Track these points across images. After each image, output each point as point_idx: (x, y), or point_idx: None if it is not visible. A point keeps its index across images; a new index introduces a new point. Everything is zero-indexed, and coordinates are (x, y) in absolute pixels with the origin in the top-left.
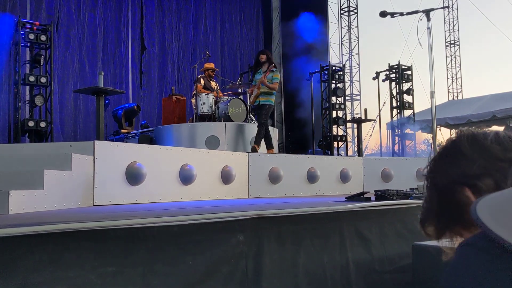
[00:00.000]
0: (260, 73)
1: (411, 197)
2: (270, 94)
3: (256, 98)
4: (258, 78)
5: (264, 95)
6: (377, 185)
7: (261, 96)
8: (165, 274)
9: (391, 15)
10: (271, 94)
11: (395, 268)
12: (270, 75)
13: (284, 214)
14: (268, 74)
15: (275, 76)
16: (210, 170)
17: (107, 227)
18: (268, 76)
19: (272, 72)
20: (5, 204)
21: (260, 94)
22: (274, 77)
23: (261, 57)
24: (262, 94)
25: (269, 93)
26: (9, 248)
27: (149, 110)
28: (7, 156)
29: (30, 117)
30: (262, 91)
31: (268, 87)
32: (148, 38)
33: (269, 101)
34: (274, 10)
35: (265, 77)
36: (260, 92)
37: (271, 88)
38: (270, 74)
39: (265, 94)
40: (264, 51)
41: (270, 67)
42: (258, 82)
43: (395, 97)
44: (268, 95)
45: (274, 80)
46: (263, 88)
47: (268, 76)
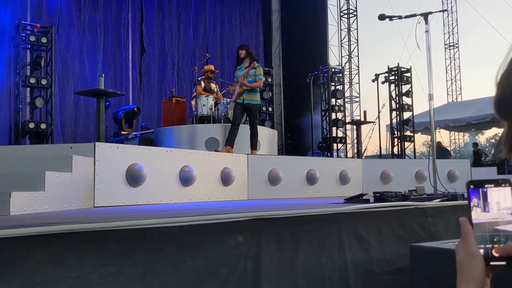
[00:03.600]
0: (241, 69)
1: (409, 198)
2: (254, 92)
3: (239, 96)
4: (239, 74)
5: (248, 93)
6: (376, 187)
7: (245, 95)
8: (165, 274)
9: (390, 18)
10: (255, 92)
11: (393, 269)
12: (252, 71)
13: (283, 215)
14: (250, 71)
15: (258, 72)
16: (210, 171)
17: (108, 228)
18: (251, 72)
19: (254, 69)
20: (7, 205)
21: (244, 92)
22: (257, 74)
23: (240, 52)
24: (246, 92)
25: (253, 91)
26: (11, 249)
27: (149, 112)
28: (8, 157)
29: (31, 119)
30: (245, 89)
31: (250, 87)
32: (148, 41)
33: (254, 100)
34: (274, 13)
35: (246, 74)
36: (243, 90)
37: (254, 87)
38: (253, 70)
39: (249, 92)
40: (243, 46)
41: (252, 64)
42: (240, 80)
43: (394, 99)
44: (253, 93)
45: (258, 76)
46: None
47: (251, 73)
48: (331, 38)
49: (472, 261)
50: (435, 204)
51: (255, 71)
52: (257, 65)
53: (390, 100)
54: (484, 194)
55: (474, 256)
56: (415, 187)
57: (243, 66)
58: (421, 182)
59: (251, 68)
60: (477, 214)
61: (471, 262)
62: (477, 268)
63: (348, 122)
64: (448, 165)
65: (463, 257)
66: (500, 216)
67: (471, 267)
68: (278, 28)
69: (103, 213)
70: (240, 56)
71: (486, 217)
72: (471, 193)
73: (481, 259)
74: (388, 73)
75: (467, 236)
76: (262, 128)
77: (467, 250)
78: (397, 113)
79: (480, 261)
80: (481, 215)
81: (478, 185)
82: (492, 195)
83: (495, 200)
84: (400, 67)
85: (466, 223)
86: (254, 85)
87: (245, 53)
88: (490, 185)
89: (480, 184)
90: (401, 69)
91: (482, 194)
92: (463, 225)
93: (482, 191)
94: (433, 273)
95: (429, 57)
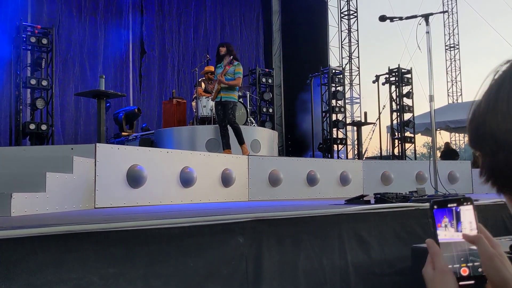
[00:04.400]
0: (221, 67)
1: (410, 200)
2: (232, 90)
3: (217, 94)
4: (219, 72)
5: (226, 90)
6: (377, 188)
7: (222, 92)
8: (166, 275)
9: (391, 19)
10: (233, 90)
11: (394, 270)
12: (231, 69)
13: (284, 216)
14: (229, 68)
15: (237, 70)
16: (210, 172)
17: (109, 229)
18: (230, 70)
19: (233, 66)
20: (8, 206)
21: (222, 90)
22: (236, 72)
23: (220, 50)
24: (224, 90)
25: (231, 89)
26: (12, 250)
27: (150, 113)
28: (9, 158)
29: (31, 120)
30: (223, 87)
31: (228, 84)
32: (148, 42)
33: (231, 98)
34: (274, 14)
35: (224, 72)
36: (220, 87)
37: (232, 85)
38: (232, 68)
39: (227, 90)
40: (223, 43)
41: (232, 61)
42: (218, 77)
43: (394, 100)
44: (230, 91)
45: (237, 74)
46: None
47: (230, 70)
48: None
49: (444, 280)
50: None
51: (234, 69)
52: (236, 63)
53: (390, 101)
54: (457, 213)
55: (446, 274)
56: (415, 189)
57: (223, 64)
58: (421, 184)
59: (230, 66)
60: (449, 234)
61: (443, 281)
62: (451, 284)
63: (348, 123)
64: (448, 166)
65: (435, 276)
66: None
67: (445, 285)
68: (279, 29)
69: (104, 214)
70: (220, 54)
71: (459, 237)
72: (438, 213)
73: (453, 277)
74: (389, 74)
75: (436, 256)
76: (263, 129)
77: (438, 270)
78: (398, 114)
79: (452, 279)
80: (454, 235)
81: (442, 204)
82: (465, 214)
83: (468, 219)
84: (401, 68)
85: (433, 244)
86: (232, 83)
87: (225, 50)
88: (453, 204)
89: (443, 204)
90: (401, 70)
91: (455, 213)
92: (431, 246)
93: (455, 210)
94: None
95: (430, 58)
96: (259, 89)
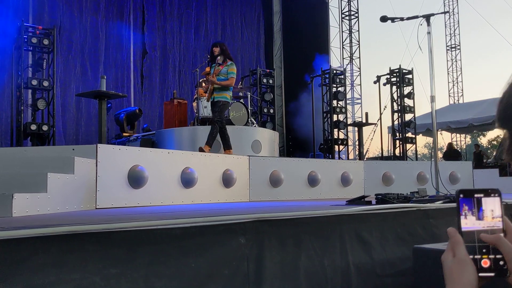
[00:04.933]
0: (215, 68)
1: (411, 200)
2: (225, 90)
3: (211, 94)
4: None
5: (218, 91)
6: (378, 189)
7: (215, 92)
8: (167, 276)
9: (392, 20)
10: (226, 90)
11: (396, 271)
12: (225, 69)
13: (285, 217)
14: (222, 69)
15: (231, 70)
16: (211, 173)
17: (111, 229)
18: (223, 70)
19: (227, 66)
20: (9, 207)
21: (214, 90)
22: (229, 72)
23: (214, 50)
24: (216, 90)
25: (223, 89)
26: (13, 251)
27: (151, 114)
28: (10, 159)
29: (33, 120)
30: (216, 87)
31: (221, 84)
32: (149, 42)
33: (223, 97)
34: (275, 14)
35: (217, 72)
36: (213, 87)
37: (224, 85)
38: (225, 68)
39: (220, 90)
40: (217, 43)
41: (225, 61)
42: (210, 77)
43: (396, 101)
44: (223, 91)
45: (230, 75)
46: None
47: (223, 70)
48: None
49: (463, 269)
50: (438, 206)
51: (227, 69)
52: (230, 63)
53: (391, 101)
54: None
55: (466, 264)
56: (417, 189)
57: (216, 64)
58: (422, 184)
59: (223, 66)
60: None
61: (462, 270)
62: (469, 276)
63: (349, 123)
64: (450, 167)
65: (453, 265)
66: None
67: (463, 276)
68: (280, 30)
69: (105, 214)
70: (214, 54)
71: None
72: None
73: (473, 267)
74: (390, 74)
75: (457, 245)
76: (264, 129)
77: (458, 259)
78: (399, 115)
79: (472, 269)
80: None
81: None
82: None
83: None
84: (402, 69)
85: (455, 233)
86: (224, 83)
87: (219, 50)
88: (480, 195)
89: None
90: (402, 70)
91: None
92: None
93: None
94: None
95: (431, 58)
96: (260, 90)
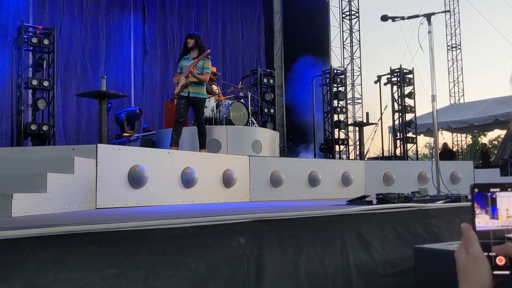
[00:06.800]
0: (188, 60)
1: (412, 200)
2: (201, 85)
3: (183, 88)
4: (185, 64)
5: (195, 85)
6: (379, 189)
7: (191, 87)
8: (167, 276)
9: (392, 19)
10: (202, 85)
11: (396, 271)
12: (201, 63)
13: (285, 217)
14: (198, 63)
15: (207, 65)
16: (211, 173)
17: (110, 229)
18: (199, 64)
19: (203, 61)
20: (8, 207)
21: (190, 85)
22: (205, 66)
23: (188, 41)
24: (192, 84)
25: (199, 84)
26: (12, 250)
27: (151, 114)
28: (10, 159)
29: (33, 120)
30: (191, 81)
31: (198, 78)
32: (150, 42)
33: (201, 94)
34: (276, 14)
35: (194, 65)
36: (189, 82)
37: (201, 80)
38: (201, 62)
39: (196, 85)
40: (192, 35)
41: (201, 55)
42: (186, 71)
43: (396, 101)
44: (199, 86)
45: (205, 70)
46: (192, 78)
47: (199, 65)
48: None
49: (477, 266)
50: (438, 206)
51: (203, 64)
52: (206, 58)
53: (392, 101)
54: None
55: (480, 261)
56: (417, 189)
57: (190, 56)
58: (423, 184)
59: (200, 60)
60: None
61: (476, 267)
62: (483, 273)
63: (350, 123)
64: (451, 166)
65: (467, 262)
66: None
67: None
68: (280, 30)
69: (105, 214)
70: (188, 45)
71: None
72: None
73: (488, 264)
74: (391, 74)
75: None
76: (264, 129)
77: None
78: (400, 115)
79: (486, 266)
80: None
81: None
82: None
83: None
84: (403, 69)
85: (469, 229)
86: (202, 78)
87: (194, 42)
88: (496, 189)
89: (485, 188)
90: (403, 70)
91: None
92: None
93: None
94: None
95: (432, 58)
96: (260, 90)
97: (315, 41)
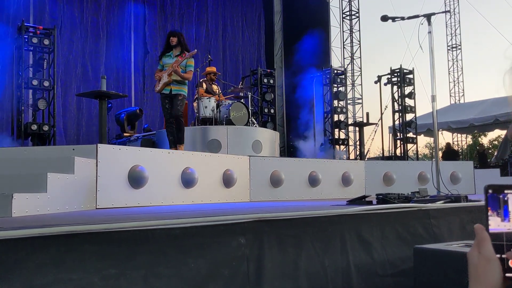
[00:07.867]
0: (171, 57)
1: (412, 200)
2: (183, 83)
3: (165, 86)
4: (167, 62)
5: (177, 83)
6: (379, 189)
7: (173, 85)
8: (167, 276)
9: (392, 19)
10: (184, 84)
11: (396, 271)
12: (184, 61)
13: (285, 217)
14: (182, 61)
15: (190, 63)
16: (211, 173)
17: (110, 229)
18: (182, 63)
19: (186, 59)
20: (9, 207)
21: (172, 83)
22: (188, 65)
23: (171, 40)
24: (175, 82)
25: (182, 82)
26: (12, 250)
27: (152, 114)
28: (11, 159)
29: (33, 120)
30: (174, 79)
31: (181, 76)
32: (151, 42)
33: (182, 91)
34: (276, 14)
35: (178, 64)
36: (172, 80)
37: (184, 78)
38: (184, 60)
39: (178, 83)
40: (174, 33)
41: (184, 54)
42: (169, 68)
43: (397, 101)
44: (182, 84)
45: (188, 68)
46: (175, 76)
47: (182, 63)
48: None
49: (489, 267)
50: (438, 206)
51: (186, 62)
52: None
53: (392, 101)
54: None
55: (492, 262)
56: (417, 189)
57: (172, 54)
58: (423, 184)
59: (184, 58)
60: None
61: (487, 268)
62: (495, 274)
63: (350, 123)
64: (451, 167)
65: (479, 263)
66: None
67: (488, 274)
68: (280, 30)
69: (105, 214)
70: (171, 44)
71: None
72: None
73: (499, 266)
74: (391, 74)
75: (484, 242)
76: (264, 129)
77: (484, 256)
78: (400, 115)
79: (498, 268)
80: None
81: (497, 190)
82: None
83: None
84: (403, 69)
85: (482, 230)
86: (185, 76)
87: (176, 40)
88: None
89: (499, 189)
90: (403, 70)
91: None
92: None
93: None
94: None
95: (432, 58)
96: (260, 90)
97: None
